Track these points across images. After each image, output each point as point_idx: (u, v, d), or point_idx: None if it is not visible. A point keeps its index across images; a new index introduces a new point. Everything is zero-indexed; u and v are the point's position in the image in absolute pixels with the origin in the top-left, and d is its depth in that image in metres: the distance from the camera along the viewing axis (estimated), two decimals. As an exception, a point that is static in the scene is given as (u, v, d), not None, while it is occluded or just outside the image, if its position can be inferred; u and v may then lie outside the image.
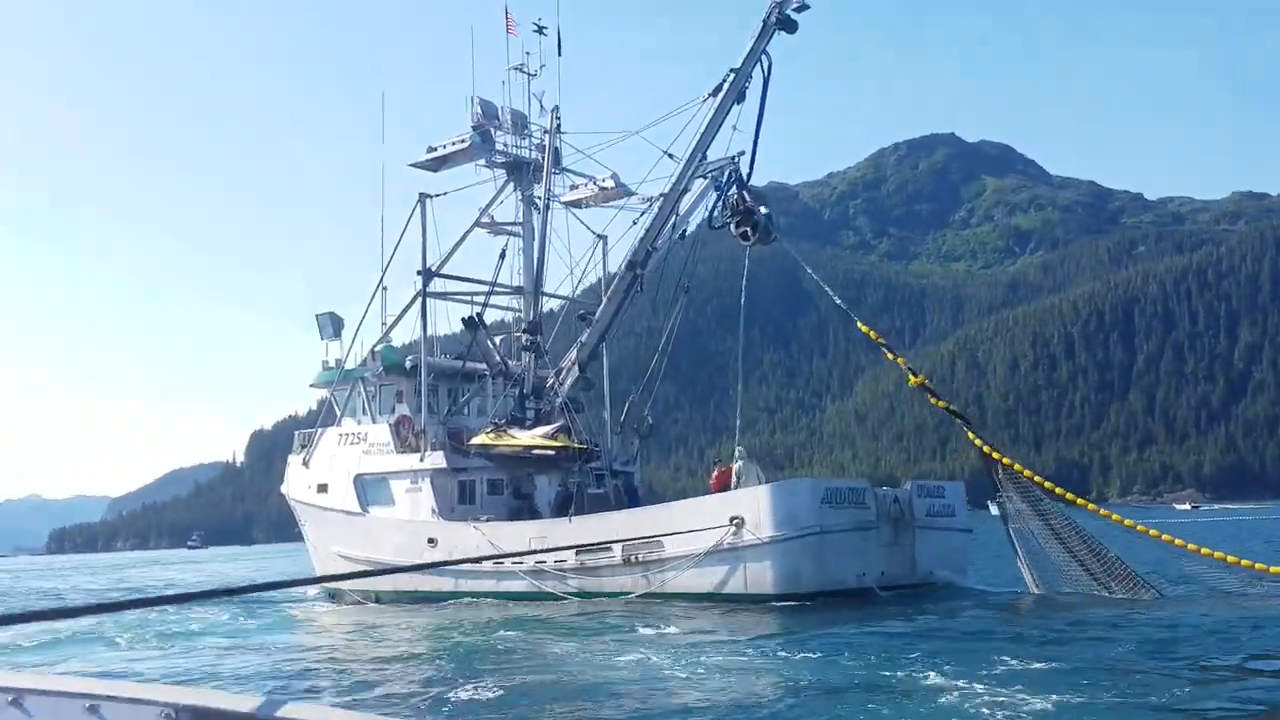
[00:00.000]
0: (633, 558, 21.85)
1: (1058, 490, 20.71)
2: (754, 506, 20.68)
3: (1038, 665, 11.56)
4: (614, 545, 22.07)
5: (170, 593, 10.74)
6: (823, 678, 11.45)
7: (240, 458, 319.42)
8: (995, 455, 20.99)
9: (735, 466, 22.85)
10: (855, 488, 21.86)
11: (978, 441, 21.20)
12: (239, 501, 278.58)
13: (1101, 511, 21.57)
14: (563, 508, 25.63)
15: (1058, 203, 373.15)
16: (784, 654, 13.63)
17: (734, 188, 24.51)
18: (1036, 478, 20.48)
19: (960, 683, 10.38)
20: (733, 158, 24.93)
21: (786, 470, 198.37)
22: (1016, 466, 20.69)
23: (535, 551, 22.32)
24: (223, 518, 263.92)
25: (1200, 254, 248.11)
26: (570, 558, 22.52)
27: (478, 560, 22.42)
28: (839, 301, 25.62)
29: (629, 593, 21.64)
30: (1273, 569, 17.60)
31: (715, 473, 23.78)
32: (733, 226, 24.43)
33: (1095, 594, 18.82)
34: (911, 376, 22.15)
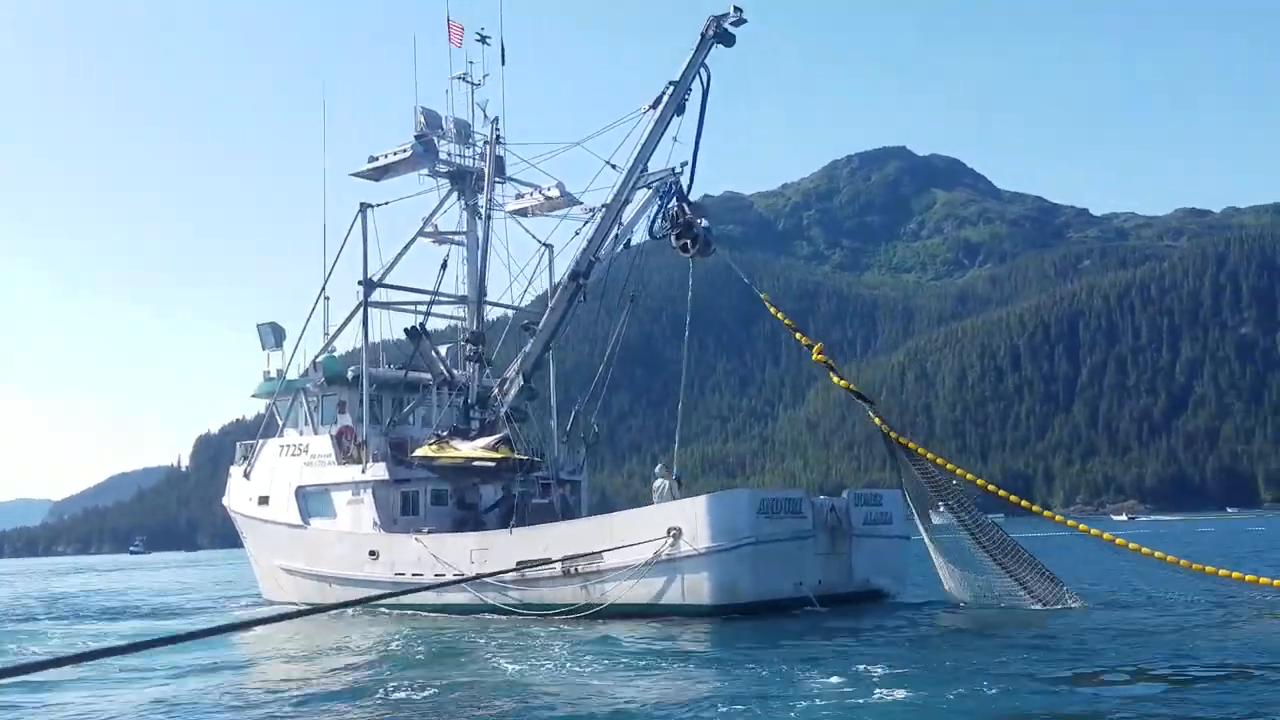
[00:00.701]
0: (572, 569, 21.82)
1: (1005, 494, 21.37)
2: (691, 518, 20.75)
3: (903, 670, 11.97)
4: (554, 557, 22.03)
5: (118, 644, 10.56)
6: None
7: (185, 462, 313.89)
8: (896, 437, 21.54)
9: (655, 484, 23.42)
10: (791, 498, 22.03)
11: (879, 423, 21.72)
12: (183, 506, 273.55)
13: (1057, 518, 22.26)
14: (506, 517, 25.58)
15: (1006, 216, 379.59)
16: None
17: (674, 200, 24.64)
18: (940, 459, 21.10)
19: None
20: (673, 169, 25.11)
21: (739, 479, 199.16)
22: (921, 450, 21.22)
23: (472, 578, 22.00)
24: (167, 523, 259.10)
25: (1144, 269, 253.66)
26: (511, 569, 22.45)
27: (427, 586, 22.31)
28: (746, 279, 25.66)
29: (569, 604, 21.60)
30: (1208, 569, 18.29)
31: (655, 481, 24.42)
32: (673, 239, 24.58)
33: (1019, 603, 19.28)
34: (814, 351, 22.61)
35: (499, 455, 25.60)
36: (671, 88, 24.72)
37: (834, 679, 12.15)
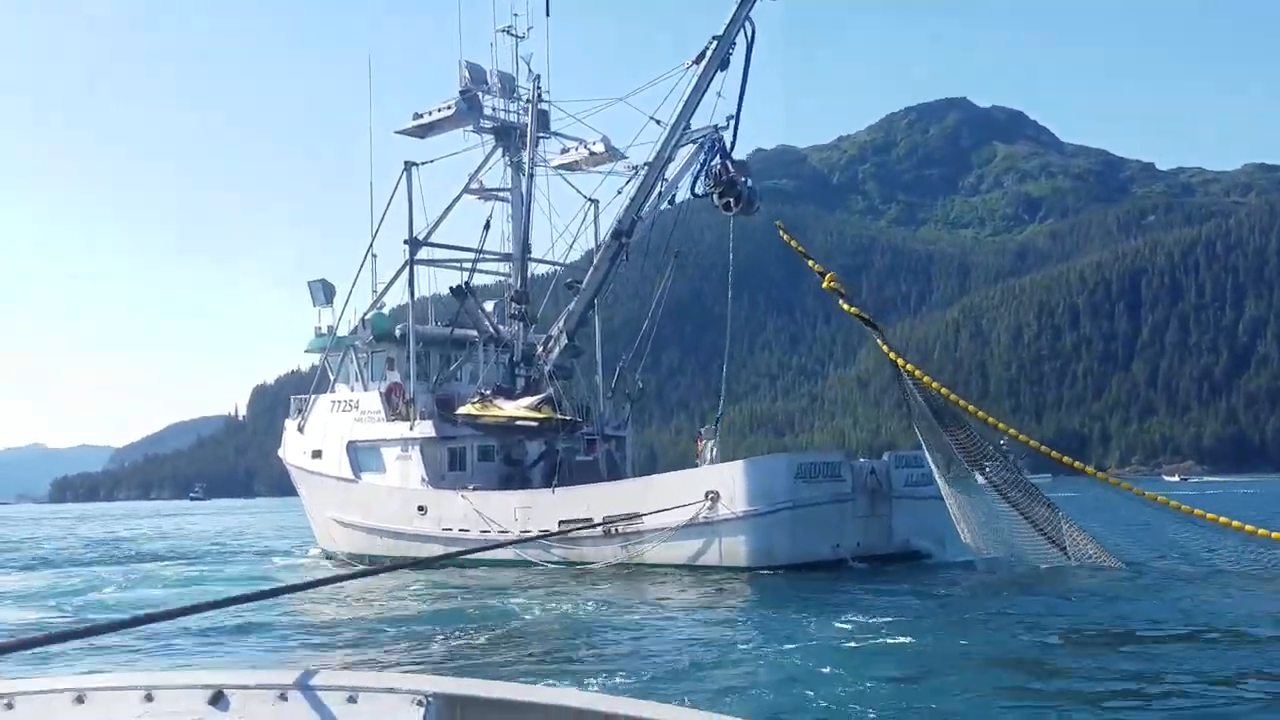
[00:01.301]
0: (613, 529, 22.21)
1: (1056, 455, 21.16)
2: (729, 482, 21.05)
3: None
4: (595, 516, 22.41)
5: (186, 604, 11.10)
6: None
7: (242, 411, 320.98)
8: (906, 365, 21.42)
9: (701, 444, 23.92)
10: (830, 461, 22.21)
11: (888, 351, 21.70)
12: (241, 455, 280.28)
13: (1100, 475, 21.95)
14: (551, 473, 25.93)
15: (1069, 170, 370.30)
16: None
17: (717, 157, 24.50)
18: (944, 390, 21.03)
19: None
20: (716, 126, 24.92)
21: (787, 437, 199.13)
22: (925, 379, 21.06)
23: (511, 543, 22.28)
24: (225, 470, 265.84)
25: (1209, 226, 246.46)
26: (554, 527, 22.86)
27: (483, 544, 22.83)
28: (788, 238, 24.75)
29: (610, 563, 22.06)
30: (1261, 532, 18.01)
31: (700, 443, 25.09)
32: (715, 197, 24.49)
33: (1055, 563, 19.24)
34: (825, 280, 22.70)
35: (541, 415, 25.91)
36: (715, 42, 24.45)
37: (844, 624, 12.66)
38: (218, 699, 2.50)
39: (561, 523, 22.84)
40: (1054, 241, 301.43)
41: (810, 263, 23.52)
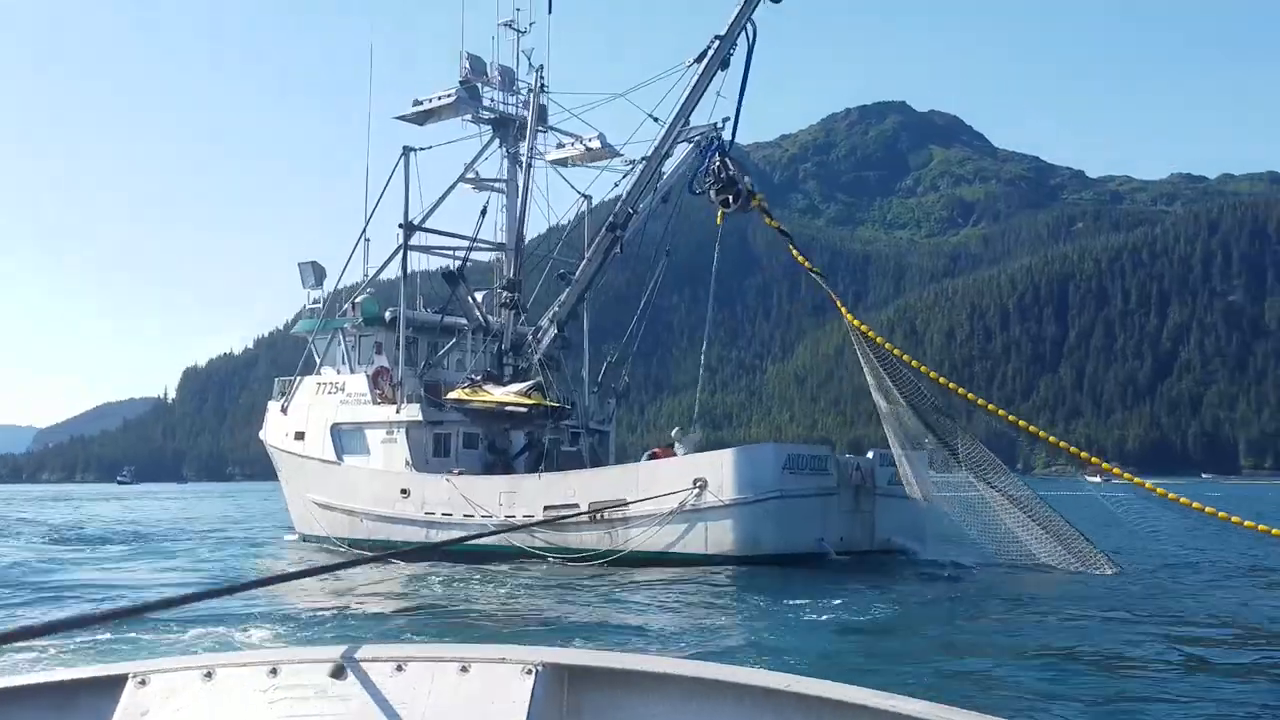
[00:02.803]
0: (599, 515, 22.21)
1: (1084, 455, 22.14)
2: (717, 470, 21.17)
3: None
4: (581, 503, 22.43)
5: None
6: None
7: (172, 394, 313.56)
8: (814, 270, 23.31)
9: (676, 449, 23.85)
10: (818, 454, 22.44)
11: (801, 260, 23.76)
12: (169, 438, 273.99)
13: (1125, 476, 22.33)
14: (535, 463, 26.06)
15: (1002, 175, 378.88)
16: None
17: (716, 155, 24.60)
18: (887, 344, 22.19)
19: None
20: (715, 124, 25.20)
21: (725, 431, 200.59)
22: (874, 336, 22.22)
23: (503, 529, 22.47)
24: (153, 454, 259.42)
25: (1136, 234, 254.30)
26: (539, 513, 22.89)
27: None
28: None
29: (594, 549, 22.01)
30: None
31: (652, 452, 25.07)
32: (713, 194, 24.54)
33: (1038, 565, 19.57)
34: (754, 199, 24.30)
35: (531, 401, 25.98)
36: (717, 41, 24.62)
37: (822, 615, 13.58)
38: (340, 672, 2.59)
39: (547, 508, 22.94)
40: (986, 245, 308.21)
41: (756, 199, 24.47)
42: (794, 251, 24.51)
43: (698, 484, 21.13)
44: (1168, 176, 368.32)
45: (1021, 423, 22.51)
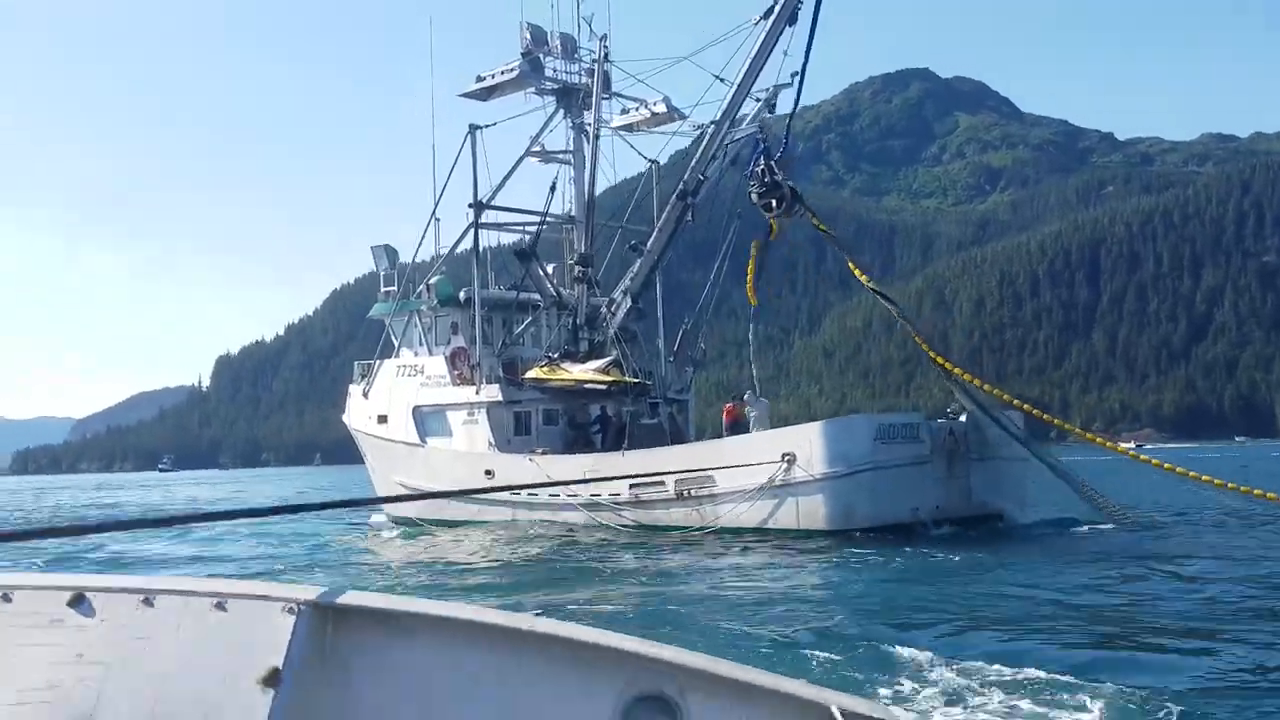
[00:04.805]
0: (686, 492, 22.14)
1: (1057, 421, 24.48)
2: (806, 444, 20.93)
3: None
4: (667, 480, 22.34)
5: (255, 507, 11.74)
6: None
7: (205, 382, 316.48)
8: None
9: (745, 408, 24.34)
10: (910, 423, 22.19)
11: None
12: (205, 426, 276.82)
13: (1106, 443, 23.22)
14: (615, 438, 26.02)
15: (1029, 141, 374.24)
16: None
17: (761, 158, 24.01)
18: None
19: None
20: (760, 125, 24.85)
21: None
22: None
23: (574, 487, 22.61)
24: (189, 442, 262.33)
25: (1167, 196, 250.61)
26: (624, 491, 22.82)
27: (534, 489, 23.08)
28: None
29: (682, 525, 21.99)
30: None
31: (726, 408, 25.73)
32: (755, 196, 23.97)
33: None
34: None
35: (610, 378, 25.96)
36: None
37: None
38: (78, 601, 2.43)
39: (632, 486, 22.90)
40: (1014, 212, 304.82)
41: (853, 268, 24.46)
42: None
43: (786, 458, 20.87)
44: (1198, 137, 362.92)
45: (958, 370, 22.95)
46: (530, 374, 26.45)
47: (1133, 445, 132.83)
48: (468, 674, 2.37)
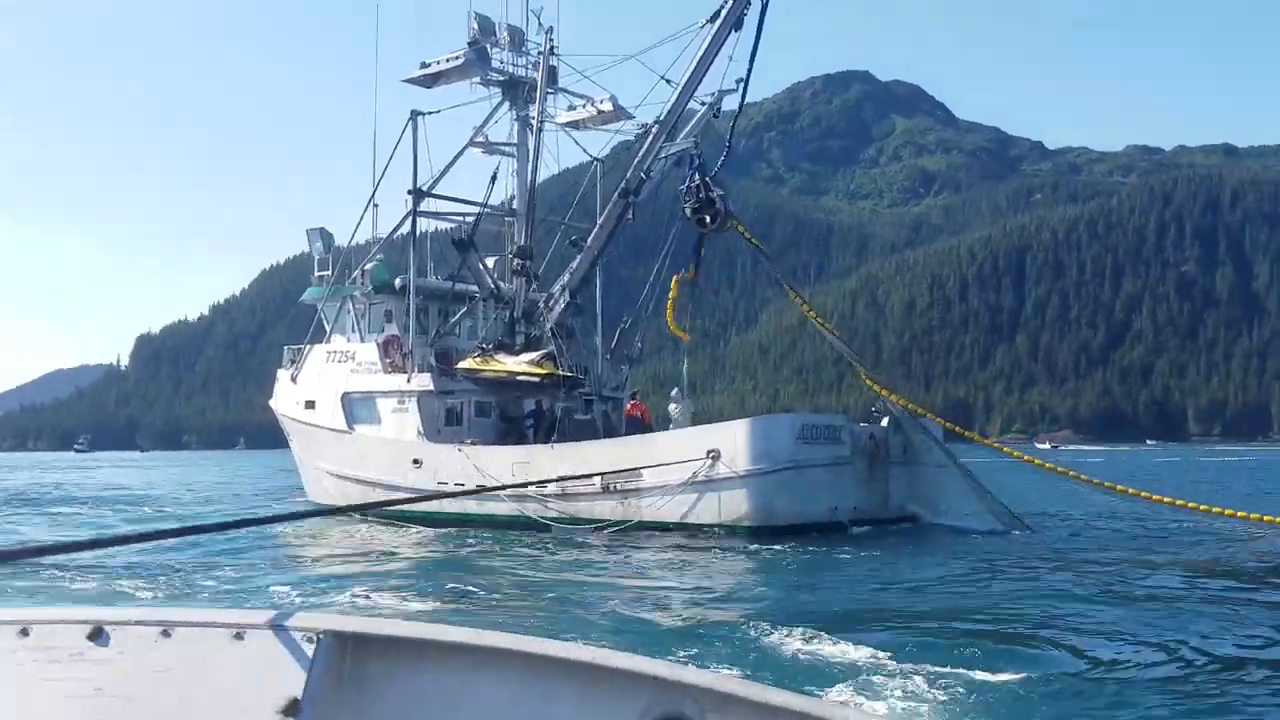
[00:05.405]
0: (612, 486, 22.19)
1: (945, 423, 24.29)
2: (731, 441, 21.09)
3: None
4: (594, 474, 22.34)
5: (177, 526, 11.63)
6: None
7: (125, 361, 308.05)
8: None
9: (672, 408, 24.82)
10: (832, 424, 22.46)
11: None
12: (123, 406, 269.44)
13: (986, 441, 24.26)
14: (546, 432, 25.99)
15: (963, 146, 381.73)
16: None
17: (696, 174, 24.01)
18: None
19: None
20: (695, 141, 25.09)
21: (690, 400, 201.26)
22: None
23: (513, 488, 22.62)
24: (106, 422, 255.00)
25: (1092, 205, 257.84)
26: (552, 484, 22.80)
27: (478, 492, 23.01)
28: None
29: (606, 519, 22.03)
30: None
31: (629, 405, 26.22)
32: (688, 210, 24.02)
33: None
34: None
35: (543, 371, 25.87)
36: (731, 2, 24.20)
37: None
38: (97, 634, 2.44)
39: (560, 479, 22.86)
40: (947, 216, 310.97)
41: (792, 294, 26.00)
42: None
43: (711, 454, 20.99)
44: (1124, 149, 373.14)
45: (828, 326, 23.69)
46: (463, 364, 26.24)
47: (1048, 446, 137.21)
48: (488, 701, 2.36)
